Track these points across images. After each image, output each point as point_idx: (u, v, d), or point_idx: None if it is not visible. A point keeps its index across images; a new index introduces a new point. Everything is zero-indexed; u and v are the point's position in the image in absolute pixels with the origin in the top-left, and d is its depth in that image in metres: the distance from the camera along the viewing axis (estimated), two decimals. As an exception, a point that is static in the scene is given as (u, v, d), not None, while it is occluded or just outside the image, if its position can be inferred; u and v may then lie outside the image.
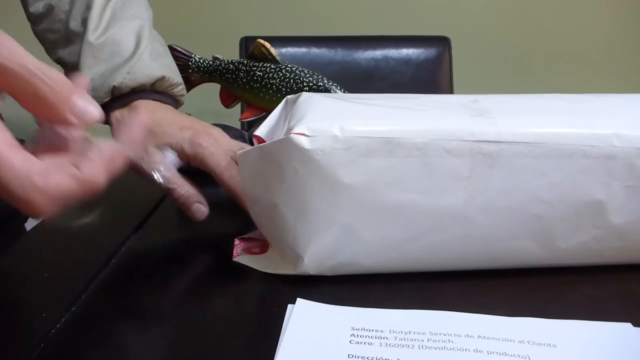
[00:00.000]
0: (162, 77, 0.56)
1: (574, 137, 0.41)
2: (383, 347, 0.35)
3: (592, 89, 0.53)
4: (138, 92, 0.56)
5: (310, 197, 0.40)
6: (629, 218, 0.43)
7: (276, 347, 0.35)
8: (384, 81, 1.36)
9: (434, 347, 0.35)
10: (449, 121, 0.41)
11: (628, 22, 1.80)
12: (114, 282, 0.45)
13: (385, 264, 0.43)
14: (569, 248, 0.43)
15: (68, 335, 0.38)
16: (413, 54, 1.38)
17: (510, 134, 0.40)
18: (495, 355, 0.34)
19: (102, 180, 0.32)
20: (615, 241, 0.43)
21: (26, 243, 0.54)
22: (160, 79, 0.56)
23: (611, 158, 0.41)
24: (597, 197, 0.42)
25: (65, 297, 0.42)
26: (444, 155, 0.40)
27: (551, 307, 0.40)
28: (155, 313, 0.41)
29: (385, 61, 1.38)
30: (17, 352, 0.36)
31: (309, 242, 0.41)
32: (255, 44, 0.65)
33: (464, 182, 0.40)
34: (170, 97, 0.58)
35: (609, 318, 0.38)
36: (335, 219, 0.40)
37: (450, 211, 0.41)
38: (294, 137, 0.39)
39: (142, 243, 0.52)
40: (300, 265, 0.42)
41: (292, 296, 0.40)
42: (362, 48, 1.37)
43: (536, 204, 0.41)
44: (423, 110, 0.42)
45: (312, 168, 0.39)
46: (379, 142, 0.39)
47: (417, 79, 1.38)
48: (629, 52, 1.82)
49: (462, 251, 0.43)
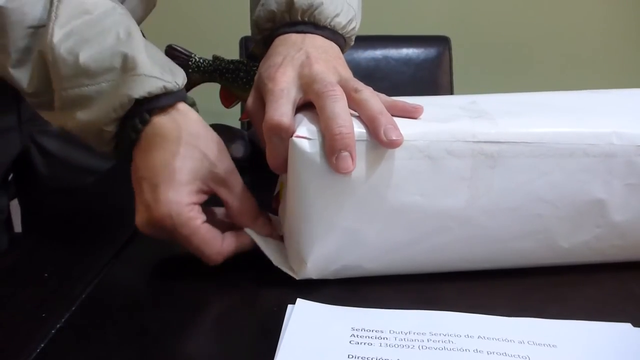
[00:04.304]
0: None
1: (573, 137, 0.41)
2: (383, 348, 0.35)
3: (591, 88, 0.53)
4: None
5: (312, 200, 0.40)
6: (630, 216, 0.43)
7: (276, 347, 0.35)
8: (384, 81, 1.36)
9: (434, 348, 0.35)
10: (449, 123, 0.41)
11: (627, 22, 1.80)
12: (114, 282, 0.45)
13: (388, 267, 0.43)
14: (571, 247, 0.43)
15: (68, 335, 0.38)
16: (413, 54, 1.38)
17: (510, 134, 0.40)
18: (495, 356, 0.34)
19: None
20: (616, 239, 0.43)
21: (26, 243, 0.54)
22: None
23: (611, 156, 0.41)
24: (598, 196, 0.42)
25: (65, 297, 0.42)
26: (446, 157, 0.40)
27: (551, 307, 0.40)
28: (155, 313, 0.41)
29: (385, 61, 1.37)
30: (17, 352, 0.36)
31: (312, 247, 0.41)
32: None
33: (466, 183, 0.40)
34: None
35: (609, 318, 0.38)
36: (338, 222, 0.40)
37: (453, 212, 0.41)
38: (295, 140, 0.39)
39: (143, 243, 0.52)
40: (303, 271, 0.42)
41: (292, 296, 0.40)
42: (362, 48, 1.37)
43: (538, 204, 0.41)
44: (423, 112, 0.42)
45: (313, 171, 0.39)
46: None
47: (417, 79, 1.37)
48: (628, 52, 1.82)
49: (464, 252, 0.43)
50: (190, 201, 0.42)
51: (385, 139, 0.39)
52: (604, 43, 1.81)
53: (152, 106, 0.45)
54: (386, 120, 0.39)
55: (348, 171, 0.38)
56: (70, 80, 0.45)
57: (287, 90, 0.43)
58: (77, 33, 0.45)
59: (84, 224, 0.57)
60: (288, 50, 0.47)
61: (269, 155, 0.43)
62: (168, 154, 0.43)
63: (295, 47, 0.48)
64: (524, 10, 1.78)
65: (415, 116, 0.42)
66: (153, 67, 0.45)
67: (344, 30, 0.52)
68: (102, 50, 0.45)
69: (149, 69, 0.44)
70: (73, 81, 0.45)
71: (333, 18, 0.51)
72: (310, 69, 0.44)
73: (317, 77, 0.43)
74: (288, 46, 0.49)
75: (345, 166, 0.38)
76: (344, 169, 0.38)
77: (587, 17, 1.79)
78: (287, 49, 0.48)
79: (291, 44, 0.49)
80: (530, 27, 1.79)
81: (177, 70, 0.48)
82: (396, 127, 0.39)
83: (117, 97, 0.44)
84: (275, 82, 0.44)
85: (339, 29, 0.52)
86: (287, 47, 0.48)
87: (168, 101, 0.45)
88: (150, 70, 0.44)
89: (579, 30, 1.80)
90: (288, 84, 0.44)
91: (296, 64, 0.45)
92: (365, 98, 0.41)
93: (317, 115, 0.41)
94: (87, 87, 0.45)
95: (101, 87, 0.45)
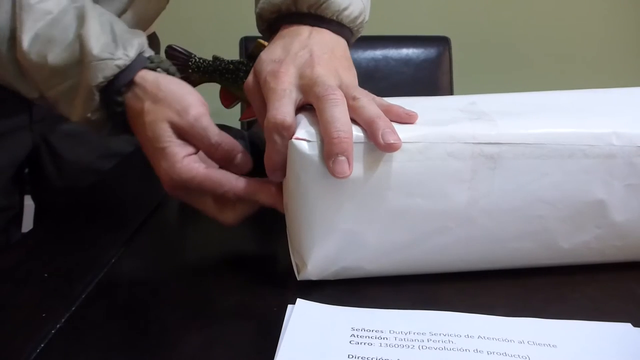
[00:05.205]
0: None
1: (573, 137, 0.41)
2: (383, 348, 0.35)
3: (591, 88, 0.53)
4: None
5: (312, 202, 0.40)
6: (630, 216, 0.43)
7: (276, 347, 0.35)
8: (384, 81, 1.36)
9: (434, 348, 0.35)
10: (449, 125, 0.41)
11: (627, 22, 1.80)
12: (114, 282, 0.45)
13: (388, 268, 0.43)
14: (571, 247, 0.43)
15: (68, 335, 0.38)
16: (413, 54, 1.38)
17: (510, 135, 0.40)
18: (495, 356, 0.34)
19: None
20: (616, 240, 0.43)
21: (26, 243, 0.54)
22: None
23: (611, 157, 0.41)
24: (598, 197, 0.42)
25: (65, 297, 0.42)
26: (446, 159, 0.40)
27: (551, 307, 0.40)
28: (155, 313, 0.41)
29: (385, 61, 1.37)
30: (17, 352, 0.36)
31: (312, 249, 0.41)
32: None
33: (467, 184, 0.40)
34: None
35: (609, 318, 0.38)
36: (338, 224, 0.40)
37: (453, 214, 0.41)
38: (295, 142, 0.39)
39: (143, 243, 0.52)
40: (304, 272, 0.42)
41: (292, 296, 0.40)
42: (362, 48, 1.37)
43: (538, 205, 0.41)
44: (423, 114, 0.42)
45: (313, 173, 0.39)
46: None
47: (417, 79, 1.37)
48: (628, 52, 1.82)
49: (465, 253, 0.43)
50: (181, 156, 0.44)
51: (383, 143, 0.39)
52: (604, 43, 1.81)
53: (117, 87, 0.46)
54: (384, 124, 0.39)
55: (344, 175, 0.38)
56: (46, 82, 0.47)
57: (289, 90, 0.43)
58: (42, 35, 0.46)
59: (85, 224, 0.57)
60: (293, 44, 0.47)
61: (267, 156, 0.42)
62: (140, 127, 0.46)
63: (301, 41, 0.47)
64: (524, 11, 1.78)
65: (410, 123, 0.42)
66: (103, 49, 0.45)
67: (352, 24, 0.52)
68: (66, 47, 0.46)
69: (99, 52, 0.45)
70: (49, 83, 0.47)
71: (341, 12, 0.50)
72: (312, 71, 0.44)
73: (318, 79, 0.43)
74: (293, 38, 0.48)
75: (341, 170, 0.38)
76: (340, 173, 0.38)
77: (587, 18, 1.79)
78: (292, 41, 0.47)
79: (296, 36, 0.48)
80: (530, 28, 1.79)
81: (132, 38, 0.48)
82: (394, 130, 0.39)
83: (83, 90, 0.46)
84: (278, 80, 0.44)
85: (347, 22, 0.51)
86: (292, 39, 0.48)
87: (127, 78, 0.46)
88: (100, 52, 0.45)
89: (579, 30, 1.80)
90: (290, 84, 0.43)
91: (298, 63, 0.45)
92: (362, 105, 0.41)
93: (316, 118, 0.41)
94: (61, 86, 0.47)
95: (72, 82, 0.46)
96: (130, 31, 0.49)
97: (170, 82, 0.47)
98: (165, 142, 0.45)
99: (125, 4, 0.61)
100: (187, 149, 0.45)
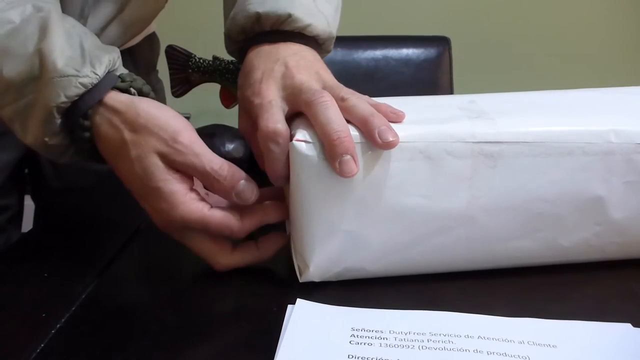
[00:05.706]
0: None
1: (572, 135, 0.41)
2: (383, 348, 0.35)
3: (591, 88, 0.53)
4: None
5: (313, 203, 0.40)
6: (629, 213, 0.43)
7: (276, 347, 0.35)
8: (384, 81, 1.36)
9: (434, 348, 0.35)
10: (449, 123, 0.41)
11: (627, 21, 1.80)
12: (114, 282, 0.45)
13: (390, 268, 0.43)
14: (571, 245, 0.43)
15: (68, 335, 0.38)
16: (413, 54, 1.38)
17: (510, 134, 0.40)
18: (495, 356, 0.34)
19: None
20: (616, 236, 0.44)
21: (26, 243, 0.54)
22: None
23: (609, 154, 0.41)
24: (597, 194, 0.42)
25: (65, 297, 0.42)
26: (446, 158, 0.40)
27: (551, 307, 0.40)
28: (155, 313, 0.41)
29: (385, 61, 1.37)
30: (17, 352, 0.36)
31: (314, 251, 0.41)
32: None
33: (467, 183, 0.40)
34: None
35: (609, 318, 0.38)
36: (340, 225, 0.40)
37: (454, 213, 0.41)
38: (295, 144, 0.39)
39: (143, 244, 0.52)
40: (306, 274, 0.42)
41: (292, 296, 0.40)
42: (362, 48, 1.37)
43: (538, 203, 0.41)
44: (422, 112, 0.42)
45: (313, 174, 0.39)
46: None
47: (417, 79, 1.37)
48: (628, 52, 1.82)
49: (466, 252, 0.43)
50: (181, 195, 0.40)
51: (381, 141, 0.38)
52: (604, 43, 1.81)
53: (83, 109, 0.41)
54: (379, 122, 0.39)
55: (353, 174, 0.38)
56: (2, 97, 0.42)
57: (275, 101, 0.43)
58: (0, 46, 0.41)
59: (85, 225, 0.57)
60: (265, 63, 0.46)
61: (268, 166, 0.42)
62: (124, 162, 0.41)
63: (271, 58, 0.46)
64: (523, 11, 1.78)
65: (397, 122, 0.41)
66: (67, 63, 0.40)
67: (317, 37, 0.50)
68: (24, 60, 0.41)
69: (62, 67, 0.40)
70: (5, 98, 0.42)
71: (304, 28, 0.49)
72: (292, 80, 0.43)
73: (302, 86, 0.43)
74: (263, 58, 0.47)
75: (349, 170, 0.38)
76: (349, 173, 0.38)
77: (587, 17, 1.79)
78: (264, 61, 0.46)
79: (265, 55, 0.47)
80: (530, 27, 1.79)
81: (102, 55, 0.42)
82: (390, 127, 0.39)
83: (41, 109, 0.41)
84: (262, 96, 0.43)
85: (311, 36, 0.50)
86: (262, 60, 0.47)
87: (94, 98, 0.41)
88: (64, 67, 0.40)
89: (579, 30, 1.80)
90: (275, 96, 0.43)
91: (277, 77, 0.44)
92: (353, 104, 0.41)
93: (310, 123, 0.41)
94: (16, 103, 0.42)
95: (28, 100, 0.41)
96: (102, 47, 0.44)
97: (149, 105, 0.42)
98: (159, 180, 0.40)
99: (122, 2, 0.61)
100: (185, 184, 0.41)
